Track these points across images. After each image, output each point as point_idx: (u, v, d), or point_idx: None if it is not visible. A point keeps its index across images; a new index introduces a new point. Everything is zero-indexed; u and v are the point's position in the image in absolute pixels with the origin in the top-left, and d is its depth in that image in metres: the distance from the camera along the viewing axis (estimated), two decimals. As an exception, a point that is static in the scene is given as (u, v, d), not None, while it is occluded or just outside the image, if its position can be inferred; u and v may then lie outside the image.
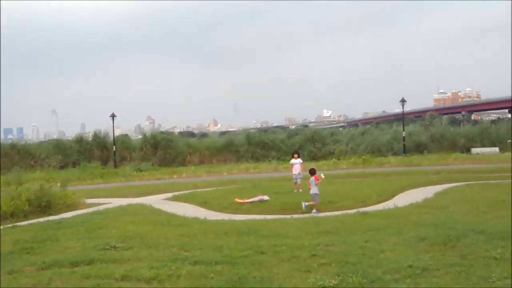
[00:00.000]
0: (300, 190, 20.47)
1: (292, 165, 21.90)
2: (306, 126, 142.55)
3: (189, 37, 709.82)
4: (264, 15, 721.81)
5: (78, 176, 39.64)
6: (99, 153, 56.94)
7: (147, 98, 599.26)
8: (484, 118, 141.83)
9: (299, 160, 22.02)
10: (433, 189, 20.10)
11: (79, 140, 60.05)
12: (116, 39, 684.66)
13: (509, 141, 53.68)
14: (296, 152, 23.56)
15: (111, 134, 57.72)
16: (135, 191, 25.92)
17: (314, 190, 16.48)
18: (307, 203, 16.16)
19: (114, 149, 53.92)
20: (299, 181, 21.24)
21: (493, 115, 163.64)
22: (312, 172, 17.21)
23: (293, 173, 21.63)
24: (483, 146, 53.53)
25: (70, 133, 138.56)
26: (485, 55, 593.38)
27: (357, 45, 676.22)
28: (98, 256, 8.99)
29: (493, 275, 6.74)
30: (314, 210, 15.87)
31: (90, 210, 17.78)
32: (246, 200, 18.34)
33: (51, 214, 16.91)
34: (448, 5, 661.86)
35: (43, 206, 17.56)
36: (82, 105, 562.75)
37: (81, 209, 18.54)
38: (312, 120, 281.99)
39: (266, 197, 18.40)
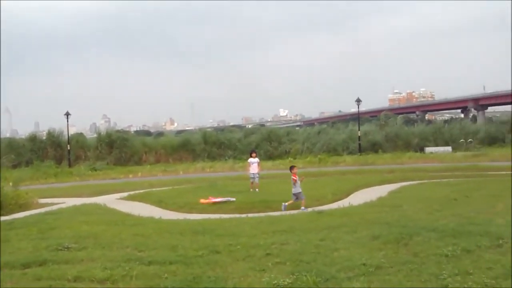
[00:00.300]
0: (257, 190, 20.42)
1: (250, 164, 21.39)
2: (262, 125, 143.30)
3: (146, 35, 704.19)
4: (221, 14, 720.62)
5: (31, 176, 39.05)
6: (53, 152, 56.14)
7: (102, 96, 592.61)
8: (438, 118, 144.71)
9: (257, 159, 21.60)
10: (388, 188, 20.35)
11: (33, 138, 59.12)
12: (71, 37, 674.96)
13: (461, 140, 54.76)
14: (253, 151, 22.98)
15: (65, 132, 56.96)
16: (90, 191, 25.63)
17: (295, 189, 16.30)
18: (286, 204, 16.05)
19: (68, 148, 53.23)
20: (256, 180, 20.94)
21: (446, 115, 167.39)
22: (290, 169, 17.09)
23: (250, 172, 21.18)
24: (437, 145, 54.43)
25: (23, 131, 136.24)
26: (439, 56, 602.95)
27: (313, 45, 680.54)
28: (50, 257, 8.84)
29: (444, 272, 6.84)
30: (302, 207, 15.78)
31: (43, 210, 17.49)
32: (212, 200, 18.05)
33: (2, 215, 16.55)
34: (403, 5, 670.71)
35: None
36: (36, 103, 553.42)
37: (34, 209, 18.22)
38: (269, 120, 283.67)
39: (232, 199, 18.16)
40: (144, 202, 19.74)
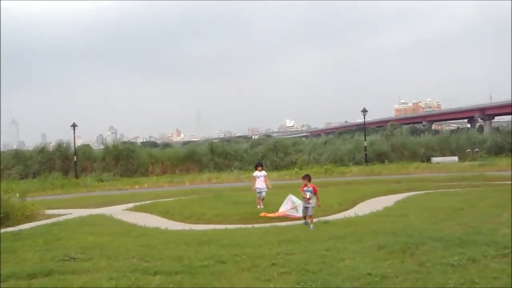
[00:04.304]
0: (261, 206, 18.72)
1: (255, 178, 19.21)
2: (269, 136, 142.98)
3: (152, 46, 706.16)
4: (227, 26, 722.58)
5: (38, 187, 39.05)
6: (61, 164, 56.27)
7: (109, 108, 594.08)
8: (444, 128, 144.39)
9: (263, 173, 19.33)
10: (394, 198, 20.33)
11: (41, 150, 59.26)
12: (78, 49, 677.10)
13: (468, 150, 54.67)
14: (259, 164, 20.18)
15: (72, 144, 57.15)
16: (96, 202, 25.64)
17: (314, 202, 13.83)
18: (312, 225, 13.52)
19: (75, 159, 53.34)
20: (263, 194, 18.97)
21: (453, 125, 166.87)
22: (309, 178, 14.15)
23: (256, 186, 19.03)
24: (443, 155, 54.36)
25: (30, 143, 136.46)
26: (446, 66, 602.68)
27: (320, 56, 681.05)
28: (56, 267, 8.83)
29: (450, 281, 6.82)
30: (308, 222, 13.77)
31: (49, 221, 17.49)
32: (278, 214, 16.57)
33: (9, 226, 16.60)
34: (409, 15, 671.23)
35: (1, 217, 17.25)
36: (43, 115, 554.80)
37: (40, 220, 18.21)
38: (275, 130, 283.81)
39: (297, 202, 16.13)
40: (150, 213, 19.74)
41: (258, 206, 18.80)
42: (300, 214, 15.11)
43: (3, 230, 15.11)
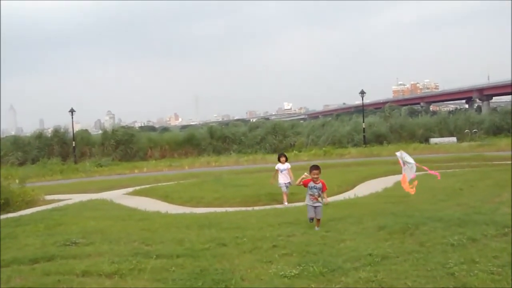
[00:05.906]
0: (286, 204, 16.02)
1: (279, 171, 16.30)
2: (267, 118, 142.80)
3: (149, 31, 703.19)
4: (225, 8, 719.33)
5: (38, 173, 39.14)
6: (59, 149, 56.26)
7: (107, 93, 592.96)
8: (442, 109, 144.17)
9: (287, 165, 16.34)
10: (393, 179, 20.28)
11: (39, 136, 59.18)
12: (74, 34, 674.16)
13: (466, 131, 54.66)
14: (282, 154, 16.95)
15: (70, 129, 57.06)
16: (96, 187, 25.71)
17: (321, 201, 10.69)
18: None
19: (73, 145, 53.29)
20: (287, 190, 16.21)
21: (451, 105, 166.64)
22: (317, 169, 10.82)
23: (280, 181, 16.23)
24: (441, 136, 54.40)
25: (28, 129, 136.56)
26: (443, 46, 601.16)
27: (317, 38, 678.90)
28: (58, 252, 8.85)
29: (450, 261, 6.84)
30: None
31: (49, 206, 17.58)
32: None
33: (9, 212, 16.67)
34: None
35: (1, 203, 17.28)
36: (40, 101, 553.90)
37: (41, 205, 18.32)
38: (273, 113, 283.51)
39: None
40: (150, 197, 19.82)
41: (284, 203, 16.05)
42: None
43: (3, 216, 15.17)
